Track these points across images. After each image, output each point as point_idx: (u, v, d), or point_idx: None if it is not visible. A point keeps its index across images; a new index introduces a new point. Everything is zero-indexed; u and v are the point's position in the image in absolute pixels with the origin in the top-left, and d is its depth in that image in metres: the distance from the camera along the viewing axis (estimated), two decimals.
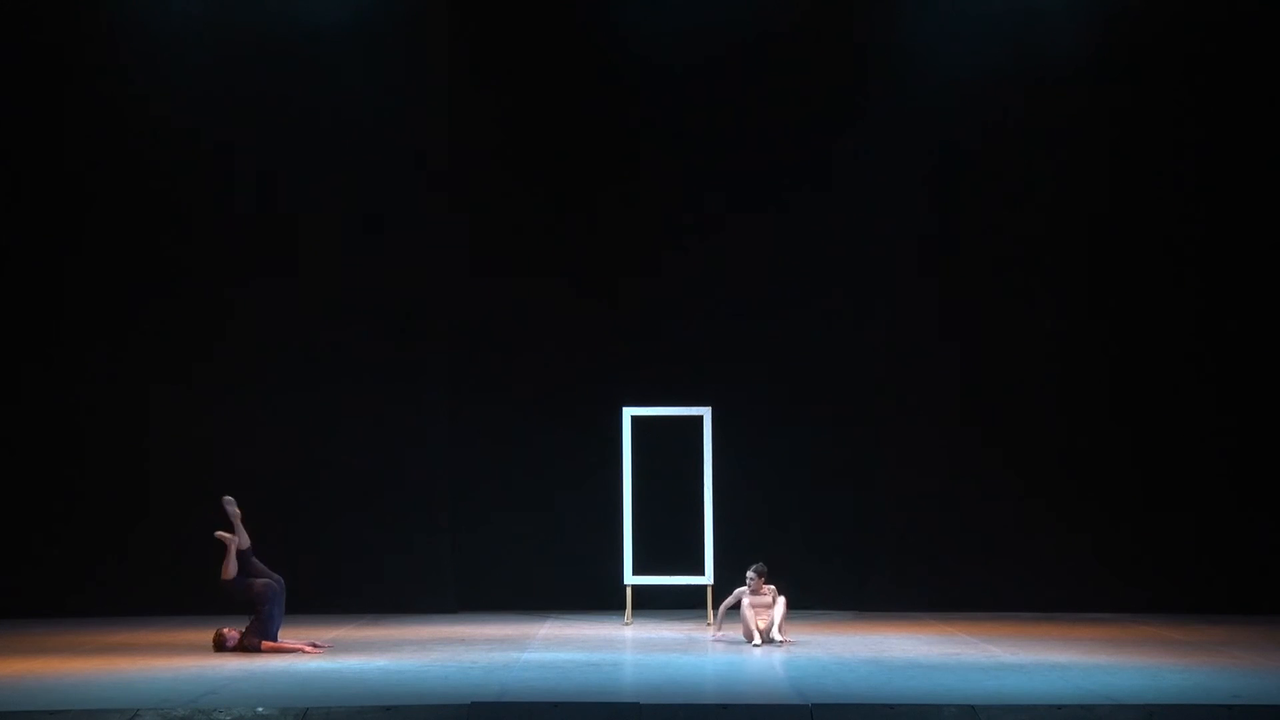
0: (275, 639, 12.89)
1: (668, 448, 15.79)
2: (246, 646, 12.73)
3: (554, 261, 17.03)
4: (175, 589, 16.21)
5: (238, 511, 13.08)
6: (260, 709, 9.40)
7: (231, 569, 12.98)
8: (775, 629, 13.36)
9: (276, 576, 13.15)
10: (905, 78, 16.87)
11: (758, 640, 13.29)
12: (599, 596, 16.17)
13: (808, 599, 16.71)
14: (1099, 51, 16.84)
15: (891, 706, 9.51)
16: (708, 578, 15.26)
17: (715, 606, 15.30)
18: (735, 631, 13.72)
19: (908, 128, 16.84)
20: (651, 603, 15.66)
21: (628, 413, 15.48)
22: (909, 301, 16.89)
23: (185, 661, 12.13)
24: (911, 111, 16.83)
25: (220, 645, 12.78)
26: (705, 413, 15.45)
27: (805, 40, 16.98)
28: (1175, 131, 16.83)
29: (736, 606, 13.61)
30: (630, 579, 15.35)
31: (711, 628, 14.29)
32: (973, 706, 9.46)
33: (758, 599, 13.59)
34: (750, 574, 13.62)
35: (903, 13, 16.93)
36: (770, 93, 17.03)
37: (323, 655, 12.62)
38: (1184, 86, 16.84)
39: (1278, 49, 16.75)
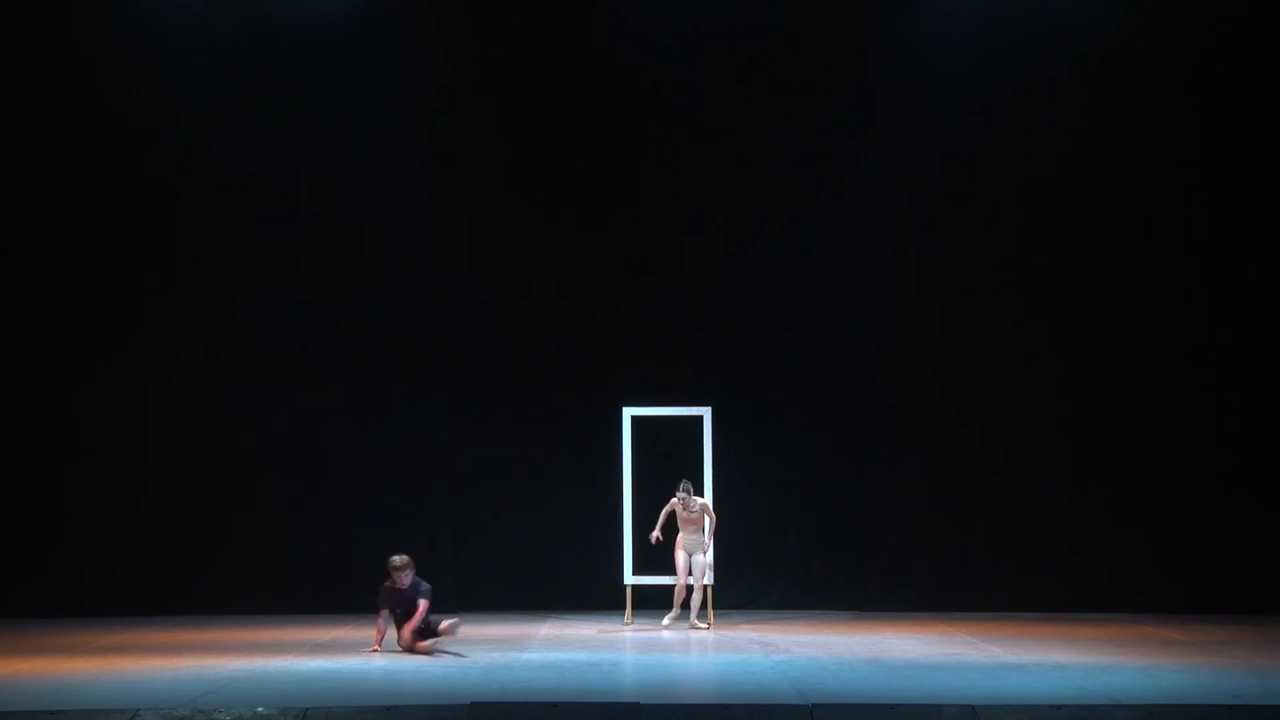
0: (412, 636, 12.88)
1: (668, 448, 15.78)
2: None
3: (555, 262, 17.02)
4: (175, 589, 16.24)
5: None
6: (260, 709, 9.40)
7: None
8: (695, 614, 14.80)
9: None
10: (906, 86, 16.90)
11: (673, 614, 14.85)
12: (599, 596, 16.16)
13: (808, 599, 16.75)
14: (1100, 54, 16.85)
15: (891, 706, 9.51)
16: (708, 578, 15.25)
17: (715, 607, 15.36)
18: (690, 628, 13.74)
19: (908, 133, 16.85)
20: (651, 603, 15.64)
21: (628, 413, 15.46)
22: (909, 302, 16.90)
23: (185, 661, 12.13)
24: (913, 116, 16.86)
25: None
26: (705, 413, 15.43)
27: (808, 51, 17.00)
28: (1177, 134, 16.83)
29: (673, 516, 14.93)
30: (630, 579, 15.33)
31: (654, 535, 14.99)
32: (973, 706, 9.46)
33: (687, 516, 14.81)
34: (680, 493, 14.80)
35: (902, 24, 16.96)
36: (773, 98, 17.02)
37: (328, 655, 12.62)
38: (1186, 89, 16.84)
39: (1278, 50, 16.77)
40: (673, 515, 14.96)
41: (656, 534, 14.97)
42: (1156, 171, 16.86)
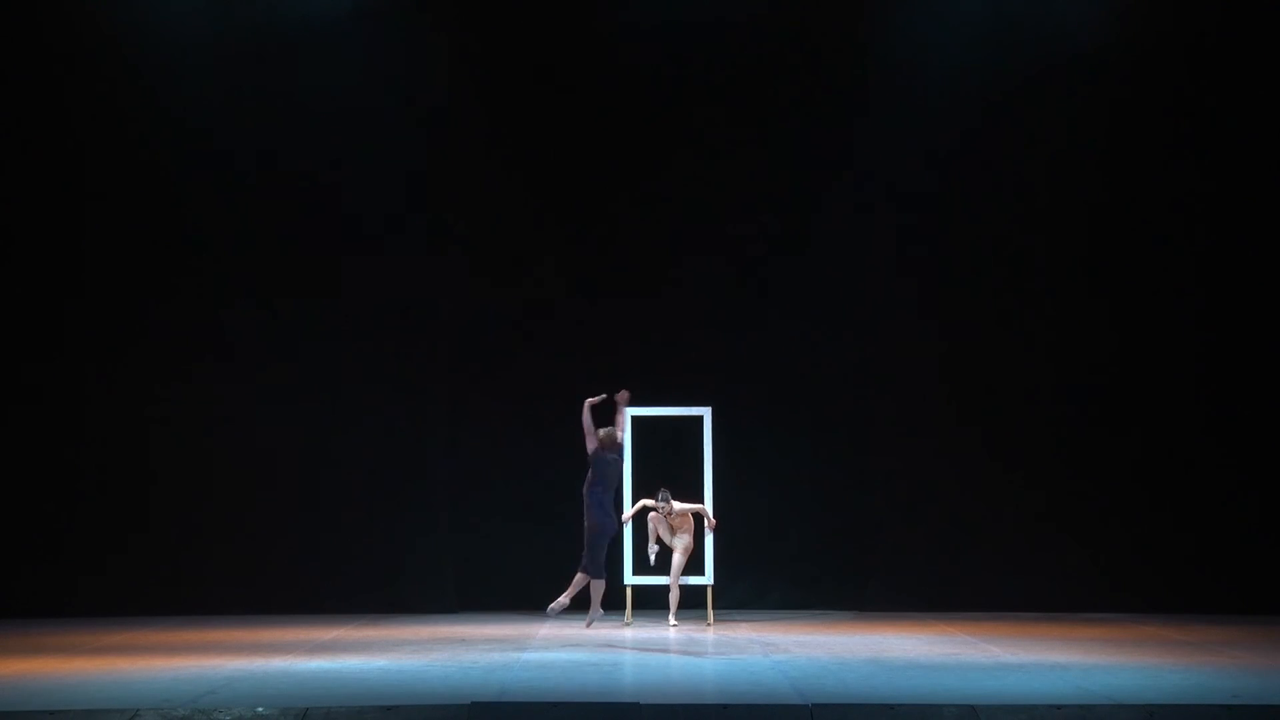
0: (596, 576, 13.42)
1: (668, 448, 15.78)
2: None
3: (554, 261, 17.04)
4: (175, 589, 16.24)
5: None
6: (260, 709, 9.40)
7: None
8: (673, 613, 14.95)
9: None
10: (904, 84, 16.92)
11: (672, 621, 14.94)
12: None
13: (808, 599, 16.76)
14: (1098, 53, 16.86)
15: (891, 706, 9.51)
16: (708, 578, 15.26)
17: (715, 607, 15.37)
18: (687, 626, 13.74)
19: (907, 132, 16.86)
20: (652, 603, 15.65)
21: (628, 413, 15.45)
22: (908, 302, 16.90)
23: (185, 661, 12.13)
24: (911, 115, 16.86)
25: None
26: (705, 413, 15.44)
27: (806, 51, 17.02)
28: (1175, 134, 16.85)
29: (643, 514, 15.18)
30: (630, 579, 15.35)
31: (626, 515, 15.18)
32: (973, 706, 9.46)
33: (668, 523, 15.05)
34: (660, 502, 15.03)
35: (901, 22, 16.97)
36: (772, 97, 17.04)
37: (328, 655, 12.62)
38: (1186, 89, 16.86)
39: (1276, 47, 16.77)
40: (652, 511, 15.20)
41: (628, 515, 15.13)
42: (1156, 171, 16.85)
